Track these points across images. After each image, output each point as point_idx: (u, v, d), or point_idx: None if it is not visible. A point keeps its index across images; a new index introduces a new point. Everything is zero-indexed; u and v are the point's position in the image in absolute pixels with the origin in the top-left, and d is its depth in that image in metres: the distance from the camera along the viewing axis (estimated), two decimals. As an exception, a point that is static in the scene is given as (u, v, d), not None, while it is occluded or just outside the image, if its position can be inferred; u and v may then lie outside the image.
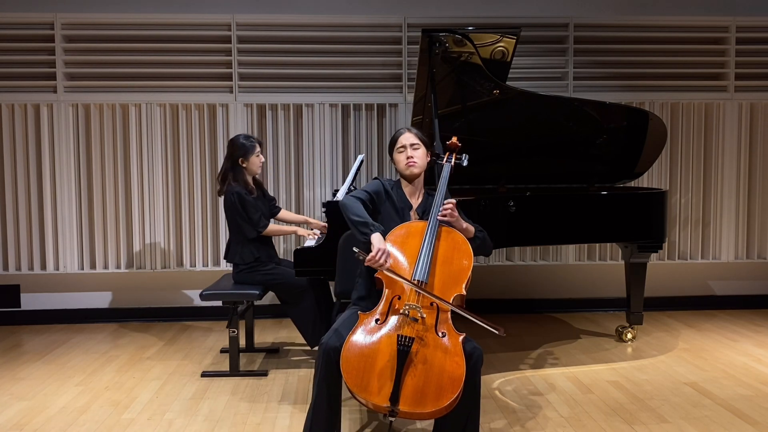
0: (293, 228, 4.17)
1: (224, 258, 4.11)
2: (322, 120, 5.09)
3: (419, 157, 2.85)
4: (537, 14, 5.14)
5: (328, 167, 5.11)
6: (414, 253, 2.62)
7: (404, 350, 2.37)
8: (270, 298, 4.11)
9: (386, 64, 5.13)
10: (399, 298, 2.52)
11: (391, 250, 2.63)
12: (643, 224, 4.17)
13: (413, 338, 2.40)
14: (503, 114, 4.11)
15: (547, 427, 3.06)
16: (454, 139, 2.99)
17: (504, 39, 3.83)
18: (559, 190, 4.48)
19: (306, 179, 5.12)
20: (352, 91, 5.11)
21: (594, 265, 5.38)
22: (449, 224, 2.73)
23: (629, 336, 4.49)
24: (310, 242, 3.90)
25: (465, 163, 2.97)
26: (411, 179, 2.90)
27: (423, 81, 3.74)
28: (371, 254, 2.56)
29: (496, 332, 2.38)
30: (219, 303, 3.96)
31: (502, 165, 4.44)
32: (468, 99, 4.02)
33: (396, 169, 2.94)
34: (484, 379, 3.71)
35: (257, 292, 3.81)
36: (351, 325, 2.52)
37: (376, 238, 2.61)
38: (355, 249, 2.57)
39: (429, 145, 2.93)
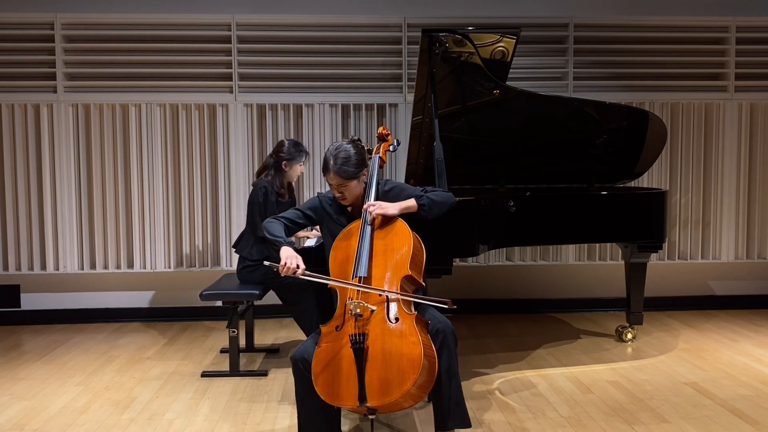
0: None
1: (233, 246, 4.12)
2: (322, 120, 5.09)
3: (350, 193, 2.84)
4: (537, 14, 5.14)
5: (328, 167, 5.11)
6: (354, 252, 2.66)
7: (359, 348, 2.40)
8: (270, 298, 4.11)
9: (386, 64, 5.13)
10: (351, 299, 2.54)
11: (338, 255, 2.70)
12: (643, 224, 4.17)
13: (365, 333, 2.43)
14: (503, 114, 4.10)
15: (547, 427, 3.06)
16: (381, 129, 3.09)
17: (504, 39, 3.83)
18: (559, 190, 4.48)
19: (306, 179, 5.12)
20: (352, 91, 5.11)
21: (594, 265, 5.38)
22: (378, 220, 2.76)
23: (629, 336, 4.49)
24: (310, 242, 3.91)
25: (392, 149, 3.06)
26: None
27: (423, 81, 3.74)
28: (281, 263, 2.63)
29: (445, 306, 2.44)
30: (219, 303, 3.96)
31: (502, 165, 4.44)
32: (468, 99, 4.02)
33: None
34: (483, 379, 3.72)
35: (257, 292, 3.81)
36: (316, 340, 2.56)
37: (283, 251, 2.70)
38: (266, 263, 2.69)
39: (360, 172, 2.82)
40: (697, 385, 3.62)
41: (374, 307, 2.49)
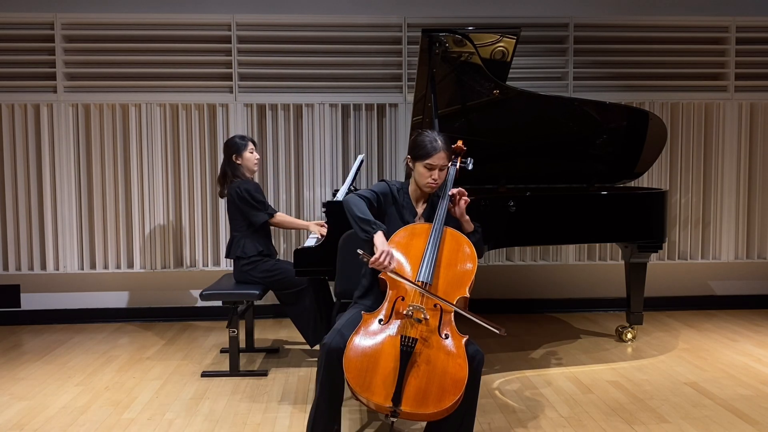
0: (306, 223, 4.17)
1: (226, 256, 4.12)
2: (322, 120, 5.09)
3: (442, 178, 2.80)
4: (537, 14, 5.14)
5: (328, 167, 5.11)
6: (418, 255, 2.61)
7: (407, 351, 2.37)
8: (270, 298, 4.11)
9: (386, 64, 5.13)
10: (402, 299, 2.52)
11: (395, 252, 2.62)
12: (643, 224, 4.17)
13: (416, 339, 2.40)
14: (503, 114, 4.11)
15: (547, 427, 3.06)
16: (459, 143, 2.97)
17: (504, 39, 3.83)
18: (559, 190, 4.48)
19: (306, 179, 5.12)
20: (352, 91, 5.11)
21: (594, 265, 5.38)
22: (454, 208, 2.76)
23: (629, 336, 4.49)
24: (310, 242, 3.90)
25: (470, 167, 2.93)
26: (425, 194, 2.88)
27: (423, 81, 3.74)
28: (375, 256, 2.53)
29: (498, 332, 2.39)
30: (219, 303, 3.96)
31: (502, 165, 4.44)
32: (468, 99, 4.02)
33: (412, 172, 2.86)
34: (484, 378, 3.71)
35: (257, 292, 3.81)
36: (354, 326, 2.52)
37: (379, 238, 2.59)
38: (359, 251, 2.53)
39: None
40: (697, 385, 3.62)
41: (428, 316, 2.47)
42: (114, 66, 5.03)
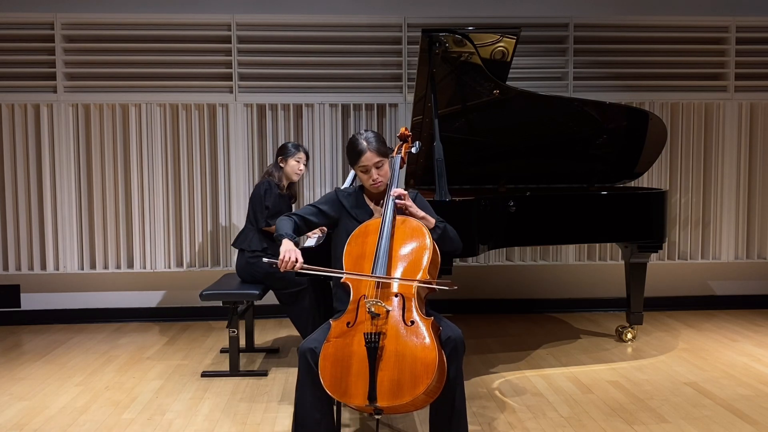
0: None
1: (232, 244, 4.19)
2: (322, 120, 5.09)
3: (384, 174, 2.82)
4: (537, 14, 5.14)
5: (328, 167, 5.12)
6: (372, 251, 2.63)
7: (373, 347, 2.36)
8: (270, 298, 4.11)
9: (386, 64, 5.13)
10: (365, 298, 2.52)
11: (353, 251, 2.66)
12: (643, 224, 4.17)
13: (380, 333, 2.39)
14: (503, 114, 4.11)
15: (547, 427, 3.06)
16: (403, 129, 3.01)
17: (504, 39, 3.83)
18: (559, 190, 4.49)
19: (306, 179, 5.12)
20: (352, 91, 5.11)
21: (594, 265, 5.38)
22: (403, 213, 2.75)
23: (629, 336, 4.49)
24: (310, 242, 3.90)
25: (415, 150, 2.97)
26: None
27: (423, 81, 3.74)
28: (279, 258, 2.58)
29: (447, 288, 2.46)
30: (219, 303, 3.96)
31: (502, 165, 4.44)
32: (468, 99, 4.02)
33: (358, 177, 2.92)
34: (484, 379, 3.72)
35: (257, 292, 3.81)
36: (324, 335, 2.53)
37: (282, 244, 2.65)
38: (264, 259, 2.63)
39: (389, 153, 2.89)
40: (697, 385, 3.62)
41: (390, 308, 2.47)
42: (114, 66, 5.03)
